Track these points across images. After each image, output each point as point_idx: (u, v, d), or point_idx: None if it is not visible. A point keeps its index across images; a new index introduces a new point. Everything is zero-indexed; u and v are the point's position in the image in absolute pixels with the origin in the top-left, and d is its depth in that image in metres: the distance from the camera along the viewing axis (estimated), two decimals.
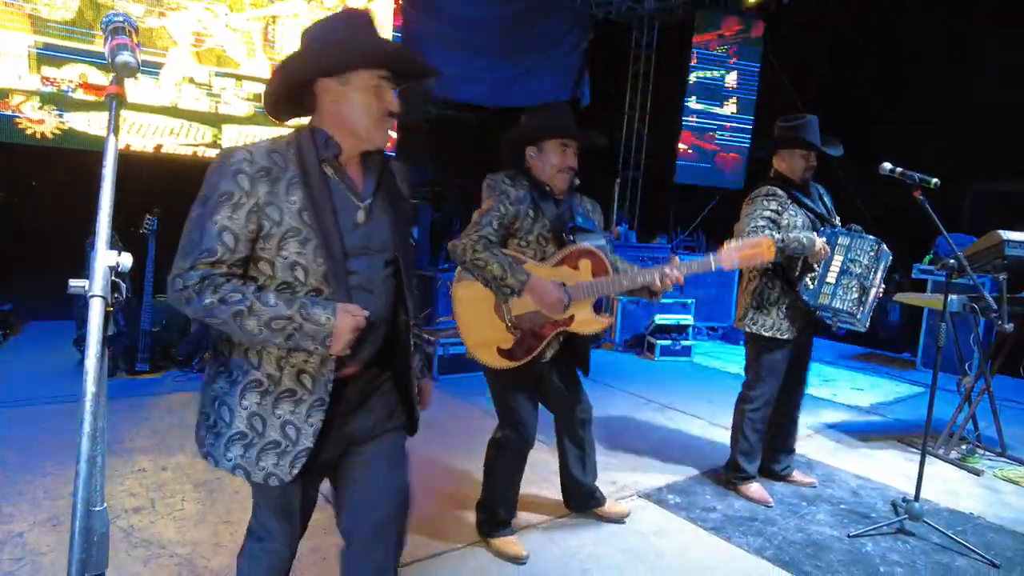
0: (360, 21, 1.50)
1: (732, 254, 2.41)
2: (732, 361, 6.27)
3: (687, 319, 6.35)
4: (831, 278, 3.01)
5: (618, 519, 2.90)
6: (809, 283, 3.03)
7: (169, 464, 3.20)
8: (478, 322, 2.43)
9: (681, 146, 8.71)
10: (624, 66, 9.07)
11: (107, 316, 0.91)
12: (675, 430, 4.26)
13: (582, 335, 2.51)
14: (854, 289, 2.98)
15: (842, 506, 3.23)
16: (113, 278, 0.94)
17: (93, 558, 0.85)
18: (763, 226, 2.99)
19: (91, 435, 0.82)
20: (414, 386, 1.67)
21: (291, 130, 1.54)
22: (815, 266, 3.01)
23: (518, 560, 2.55)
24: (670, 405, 4.77)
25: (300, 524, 1.65)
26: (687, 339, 6.30)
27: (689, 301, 6.42)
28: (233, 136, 6.47)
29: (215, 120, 6.41)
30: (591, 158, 2.69)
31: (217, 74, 6.38)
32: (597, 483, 2.94)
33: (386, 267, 1.55)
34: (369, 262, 1.51)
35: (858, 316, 2.97)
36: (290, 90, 1.50)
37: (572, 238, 2.48)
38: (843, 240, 3.03)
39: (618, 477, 3.38)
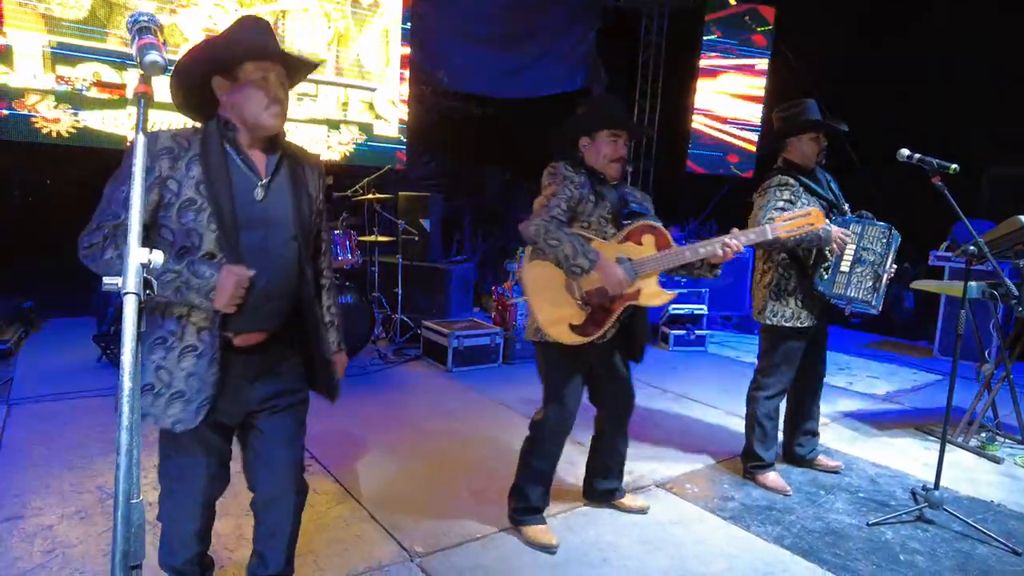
0: (247, 23, 1.70)
1: (786, 223, 2.56)
2: (747, 350, 6.25)
3: (701, 309, 6.33)
4: (845, 267, 3.00)
5: (638, 512, 2.90)
6: (823, 273, 3.02)
7: None
8: (549, 300, 2.52)
9: (692, 135, 8.66)
10: (634, 55, 9.01)
11: (140, 312, 0.92)
12: (691, 420, 4.26)
13: (640, 322, 2.64)
14: (868, 277, 2.97)
15: (860, 494, 3.23)
16: (145, 275, 0.95)
17: (132, 549, 0.86)
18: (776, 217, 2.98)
19: (129, 428, 0.84)
20: (327, 357, 1.87)
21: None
22: (828, 256, 3.00)
23: (549, 549, 2.57)
24: (685, 395, 4.77)
25: (205, 478, 1.80)
26: (701, 329, 6.28)
27: (703, 290, 6.40)
28: None
29: None
30: None
31: None
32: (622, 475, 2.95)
33: (286, 242, 1.72)
34: (265, 234, 1.68)
35: (872, 302, 2.96)
36: (189, 92, 1.71)
37: (629, 221, 2.56)
38: (855, 228, 3.02)
39: (635, 467, 3.39)
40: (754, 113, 8.77)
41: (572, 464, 3.01)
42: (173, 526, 1.88)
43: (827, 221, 2.95)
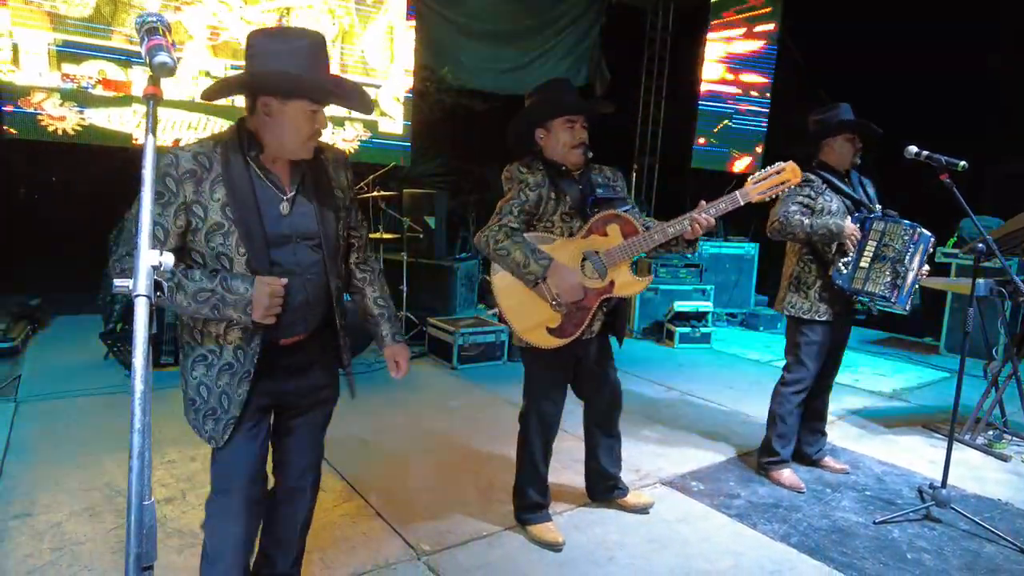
0: (313, 52, 1.60)
1: (757, 184, 2.44)
2: (752, 348, 6.24)
3: (706, 306, 6.32)
4: (864, 263, 3.01)
5: (642, 510, 2.90)
6: (842, 267, 3.03)
7: (197, 455, 3.25)
8: (523, 306, 2.45)
9: (697, 131, 8.63)
10: (639, 51, 8.98)
11: (151, 315, 0.92)
12: (696, 417, 4.26)
13: (623, 308, 2.61)
14: (887, 273, 2.98)
15: (867, 492, 3.22)
16: (156, 277, 0.95)
17: (145, 550, 0.87)
18: (795, 211, 3.06)
19: (141, 431, 0.84)
20: (346, 356, 1.91)
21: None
22: (849, 251, 3.01)
23: (554, 547, 2.57)
24: (691, 392, 4.77)
25: (250, 474, 1.77)
26: (706, 326, 6.27)
27: (708, 288, 6.39)
28: None
29: (232, 113, 6.44)
30: (607, 145, 2.68)
31: (233, 67, 6.41)
32: (620, 472, 2.94)
33: (314, 252, 1.72)
34: (294, 249, 1.69)
35: (893, 299, 2.96)
36: (231, 94, 1.70)
37: (595, 211, 2.49)
38: (878, 226, 3.03)
39: (640, 464, 3.39)
40: (761, 109, 8.73)
41: (577, 461, 3.00)
42: (222, 538, 1.81)
43: (813, 186, 3.01)
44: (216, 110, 6.35)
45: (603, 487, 2.91)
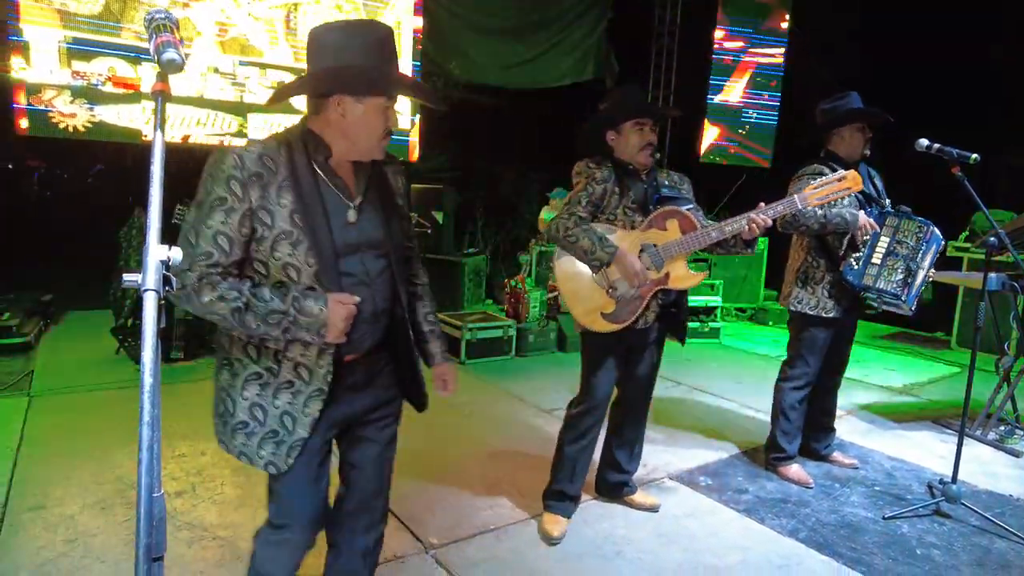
0: (384, 46, 1.52)
1: (816, 191, 2.53)
2: (761, 343, 6.22)
3: (715, 300, 6.30)
4: (876, 259, 2.98)
5: (649, 509, 2.89)
6: (853, 263, 3.00)
7: (208, 449, 3.28)
8: (581, 292, 2.59)
9: (707, 124, 8.58)
10: (647, 44, 8.93)
11: (160, 309, 0.93)
12: (705, 412, 4.25)
13: (683, 305, 2.71)
14: (899, 270, 2.94)
15: (876, 488, 3.21)
16: (165, 272, 0.96)
17: (154, 541, 0.88)
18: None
19: (150, 423, 0.85)
20: (418, 367, 1.77)
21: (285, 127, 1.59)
22: (860, 246, 2.98)
23: (549, 539, 2.59)
24: (699, 387, 4.76)
25: (312, 507, 1.66)
26: (715, 321, 6.25)
27: (717, 282, 6.36)
28: (258, 125, 6.52)
29: (240, 109, 6.47)
30: None
31: (241, 63, 6.42)
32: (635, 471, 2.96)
33: (380, 262, 1.62)
34: (362, 259, 1.57)
35: (903, 298, 2.92)
36: (300, 94, 1.59)
37: (658, 208, 2.58)
38: (891, 221, 2.99)
39: (648, 459, 3.39)
40: (772, 100, 8.66)
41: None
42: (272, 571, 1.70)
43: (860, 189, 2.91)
44: (225, 106, 6.38)
45: (614, 483, 2.91)
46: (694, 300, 6.23)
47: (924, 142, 2.77)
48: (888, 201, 3.17)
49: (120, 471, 3.01)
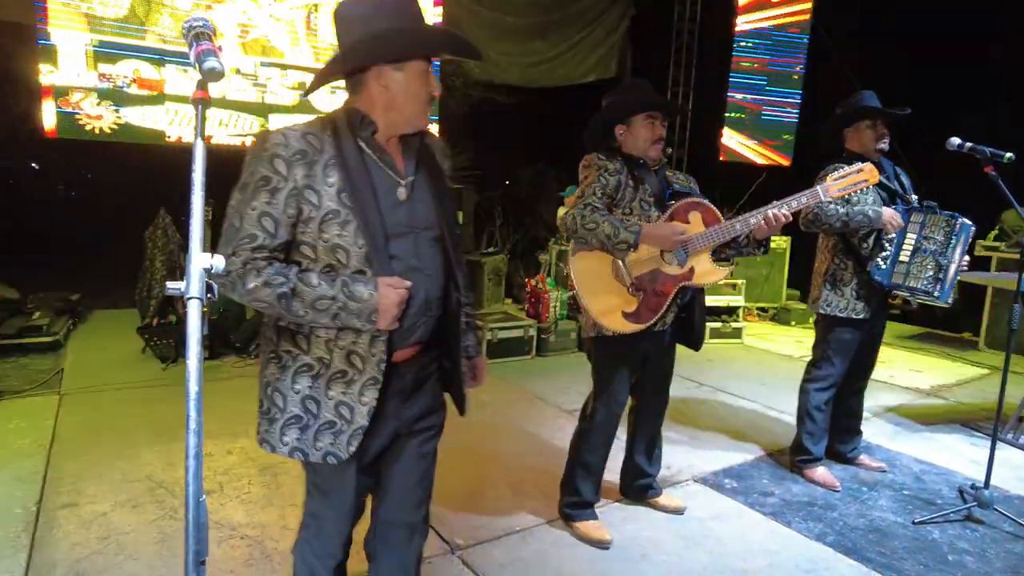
0: (410, 8, 1.47)
1: (838, 181, 2.49)
2: (784, 343, 6.15)
3: (737, 300, 6.24)
4: (904, 257, 2.94)
5: (674, 511, 2.87)
6: (881, 263, 2.96)
7: (234, 448, 3.32)
8: (600, 290, 2.48)
9: (727, 121, 8.50)
10: (667, 41, 8.87)
11: (203, 316, 0.94)
12: (728, 414, 4.21)
13: (700, 307, 2.64)
14: (929, 267, 2.90)
15: (905, 492, 3.16)
16: (207, 279, 0.97)
17: (201, 547, 0.89)
18: (830, 201, 2.96)
19: (196, 431, 0.86)
20: (462, 368, 1.67)
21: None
22: (887, 245, 2.94)
23: (602, 545, 2.56)
24: (722, 388, 4.72)
25: (354, 510, 1.63)
26: (737, 321, 6.20)
27: (739, 282, 6.30)
28: (280, 125, 6.55)
29: (262, 110, 6.53)
30: None
31: (262, 64, 6.49)
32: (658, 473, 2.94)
33: (433, 245, 1.54)
34: (414, 240, 1.49)
35: (935, 293, 2.88)
36: (337, 75, 1.52)
37: (674, 201, 2.52)
38: (916, 217, 2.95)
39: (672, 461, 3.37)
40: (793, 97, 8.56)
41: (610, 459, 2.99)
42: (315, 560, 1.66)
43: (880, 184, 2.89)
44: (247, 107, 6.44)
45: (639, 486, 2.89)
46: (715, 300, 6.19)
47: (956, 141, 2.72)
48: (915, 198, 3.12)
49: (149, 469, 3.05)
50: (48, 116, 5.69)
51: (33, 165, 7.86)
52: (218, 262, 0.98)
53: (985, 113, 5.69)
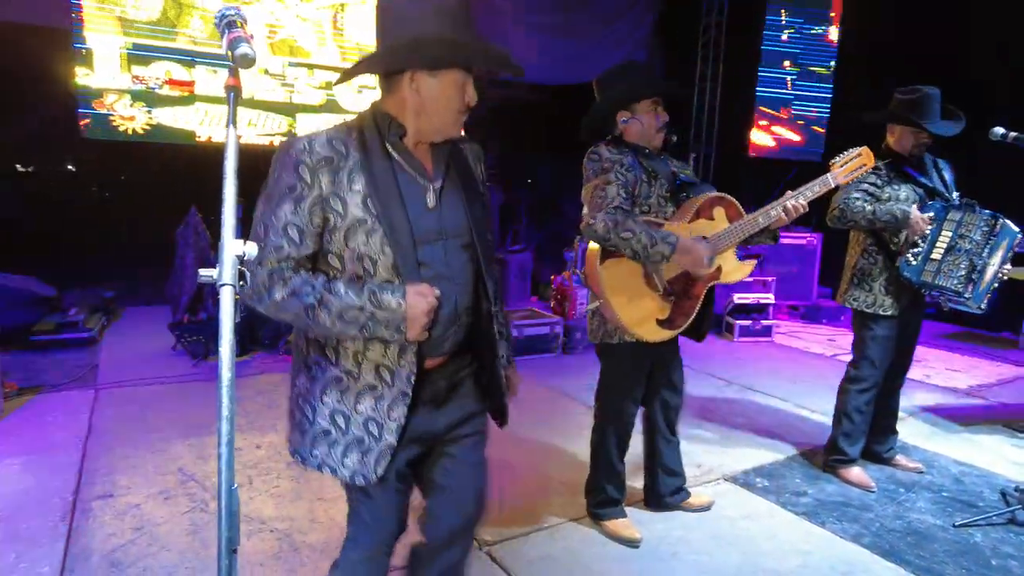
0: (459, 12, 1.38)
1: (844, 168, 2.51)
2: (815, 341, 6.03)
3: (767, 298, 6.13)
4: (936, 255, 2.84)
5: (703, 508, 2.82)
6: (911, 259, 2.87)
7: (263, 443, 3.35)
8: (632, 299, 2.36)
9: (756, 117, 8.37)
10: (694, 36, 8.75)
11: (236, 303, 0.94)
12: (759, 412, 4.14)
13: (710, 302, 2.53)
14: (962, 266, 2.79)
15: (944, 493, 3.07)
16: (240, 267, 0.96)
17: (233, 535, 0.88)
18: (857, 198, 2.93)
19: (229, 419, 0.85)
20: (501, 376, 1.61)
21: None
22: (919, 241, 2.85)
23: (632, 543, 2.53)
24: (752, 387, 4.64)
25: (396, 525, 1.58)
26: (767, 318, 6.09)
27: (769, 279, 6.19)
28: (307, 124, 6.64)
29: (289, 110, 6.60)
30: None
31: (290, 64, 6.55)
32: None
33: (463, 252, 1.48)
34: (444, 248, 1.44)
35: (966, 295, 2.78)
36: (372, 71, 1.47)
37: (687, 193, 2.44)
38: (953, 215, 2.85)
39: (703, 460, 3.31)
40: (824, 92, 8.39)
41: (637, 456, 2.95)
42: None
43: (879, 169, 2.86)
44: (275, 107, 6.51)
45: (671, 489, 2.79)
46: (744, 297, 6.09)
47: (999, 131, 2.63)
48: (956, 194, 3.03)
49: (180, 463, 3.09)
50: (83, 118, 5.82)
51: (69, 167, 8.06)
52: (250, 249, 0.98)
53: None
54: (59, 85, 5.98)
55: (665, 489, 2.80)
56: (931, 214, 2.87)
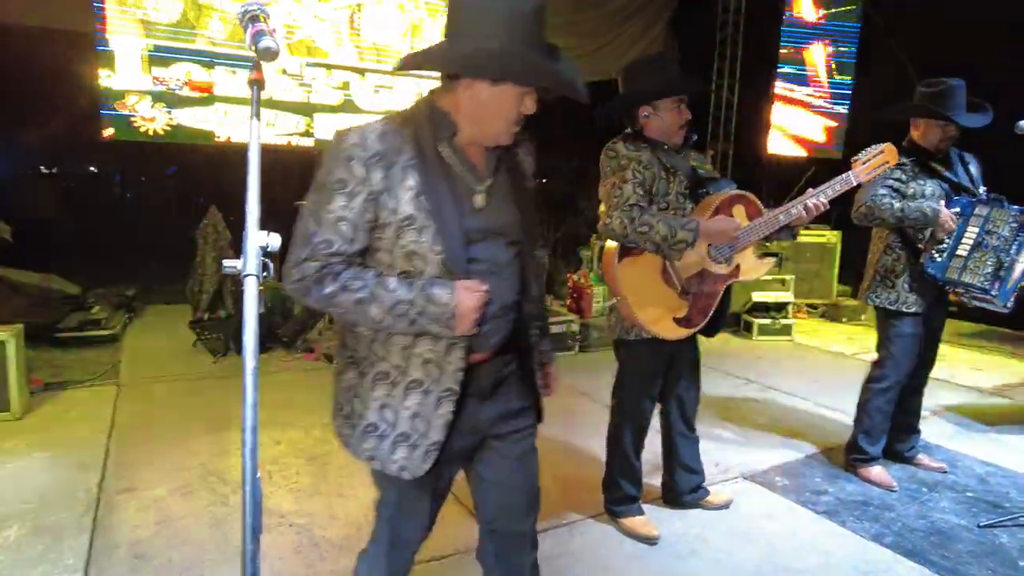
0: (530, 23, 1.31)
1: (865, 165, 2.47)
2: (835, 340, 5.97)
3: (786, 296, 6.07)
4: (962, 251, 2.78)
5: (722, 506, 2.80)
6: (936, 255, 2.83)
7: (282, 439, 3.38)
8: (649, 297, 2.37)
9: (774, 114, 8.29)
10: (711, 33, 8.69)
11: (260, 294, 0.95)
12: (778, 411, 4.10)
13: (728, 299, 2.51)
14: (988, 263, 2.74)
15: (968, 493, 3.02)
16: (263, 257, 0.97)
17: (256, 521, 0.89)
18: (883, 194, 2.87)
19: (253, 405, 0.86)
20: (537, 374, 1.61)
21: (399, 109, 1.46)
22: (945, 238, 2.80)
23: (650, 540, 2.52)
24: (772, 386, 4.60)
25: (428, 521, 1.59)
26: (786, 317, 6.03)
27: (788, 277, 6.13)
28: (324, 124, 6.68)
29: (307, 109, 6.64)
30: None
31: (307, 64, 6.60)
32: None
33: (510, 249, 1.47)
34: (491, 246, 1.43)
35: (992, 293, 2.72)
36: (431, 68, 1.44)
37: (706, 189, 2.42)
38: (980, 210, 2.80)
39: (721, 459, 3.29)
40: (842, 91, 8.29)
41: (655, 455, 2.94)
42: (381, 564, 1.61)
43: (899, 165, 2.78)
44: (293, 107, 6.56)
45: (690, 487, 2.78)
46: (764, 296, 6.04)
47: None
48: (984, 189, 2.97)
49: (200, 458, 3.13)
50: (105, 119, 5.91)
51: (91, 169, 8.21)
52: (274, 241, 0.99)
53: None
54: (82, 88, 6.09)
55: (684, 486, 2.78)
56: (957, 210, 2.83)
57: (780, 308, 6.05)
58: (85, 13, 5.70)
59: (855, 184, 2.43)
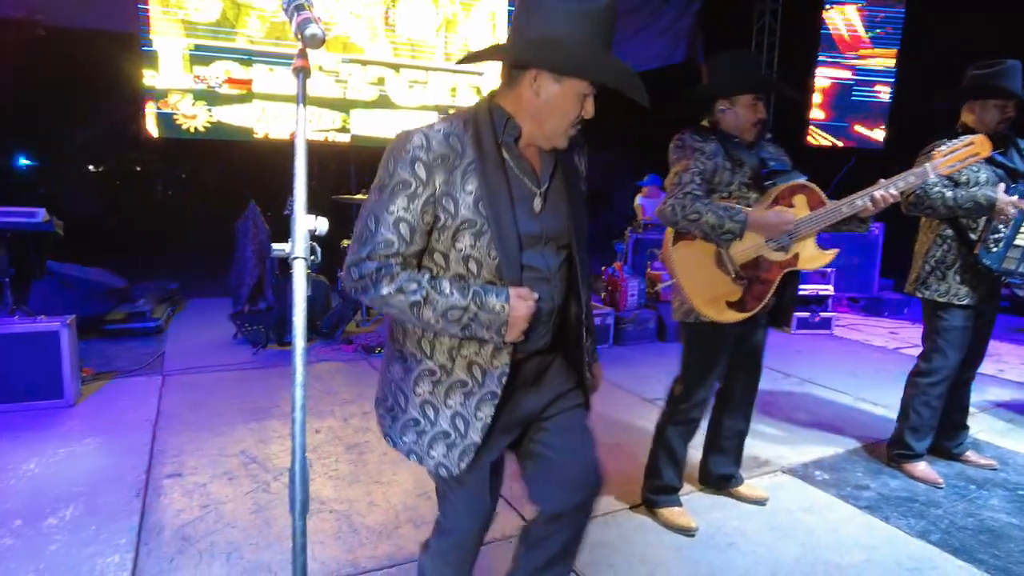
0: (602, 21, 1.31)
1: (947, 158, 2.37)
2: (876, 334, 5.82)
3: (827, 289, 5.94)
4: (1021, 240, 2.69)
5: (757, 502, 2.76)
6: (992, 245, 2.73)
7: (321, 427, 3.44)
8: (703, 280, 2.42)
9: (813, 104, 8.10)
10: (747, 23, 8.53)
11: (308, 276, 0.97)
12: (818, 406, 4.02)
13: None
14: None
15: (1020, 491, 2.92)
16: (311, 241, 0.99)
17: (305, 497, 0.91)
18: (935, 183, 2.76)
19: (303, 384, 0.88)
20: (586, 369, 1.61)
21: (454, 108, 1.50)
22: (1001, 227, 2.70)
23: (688, 532, 2.51)
24: (811, 380, 4.51)
25: (485, 514, 1.60)
26: (827, 311, 5.91)
27: (829, 270, 6.00)
28: (361, 120, 6.76)
29: (344, 105, 6.73)
30: None
31: (344, 60, 6.69)
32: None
33: (561, 254, 1.48)
34: (543, 251, 1.44)
35: None
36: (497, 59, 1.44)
37: (772, 181, 2.42)
38: None
39: (760, 452, 3.24)
40: (887, 75, 8.06)
41: (695, 447, 2.91)
42: (446, 567, 1.63)
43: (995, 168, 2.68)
44: (329, 103, 6.65)
45: (720, 476, 2.79)
46: (804, 289, 5.92)
47: None
48: None
49: (243, 446, 3.21)
50: (149, 118, 6.09)
51: (136, 168, 8.46)
52: (321, 225, 1.01)
53: None
54: (128, 88, 6.28)
55: (714, 474, 2.78)
56: (1015, 197, 2.72)
57: (820, 301, 5.93)
58: (130, 15, 5.87)
59: (931, 178, 2.34)
